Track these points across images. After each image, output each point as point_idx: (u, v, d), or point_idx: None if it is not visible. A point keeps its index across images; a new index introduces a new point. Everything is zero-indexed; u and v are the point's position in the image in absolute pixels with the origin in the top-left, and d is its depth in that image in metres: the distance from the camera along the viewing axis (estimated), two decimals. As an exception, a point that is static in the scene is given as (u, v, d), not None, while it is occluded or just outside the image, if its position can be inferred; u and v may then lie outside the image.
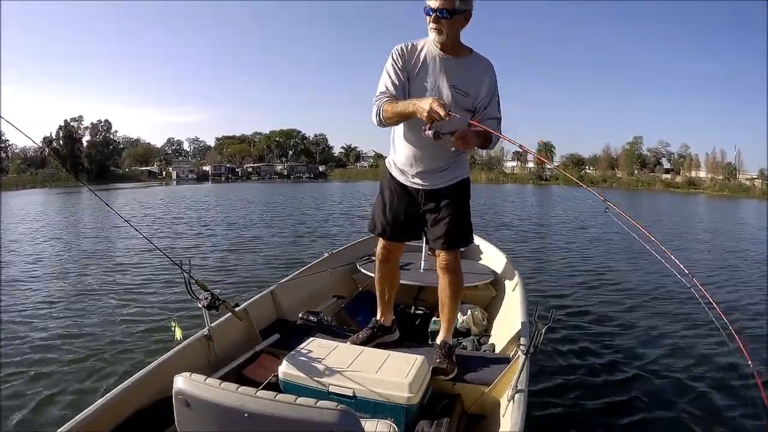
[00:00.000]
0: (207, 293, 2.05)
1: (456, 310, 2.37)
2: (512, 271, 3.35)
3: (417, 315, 3.25)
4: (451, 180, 2.19)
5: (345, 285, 3.56)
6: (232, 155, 72.86)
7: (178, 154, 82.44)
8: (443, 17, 1.93)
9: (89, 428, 1.53)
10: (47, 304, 5.01)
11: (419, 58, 2.05)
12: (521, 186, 49.18)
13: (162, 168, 65.96)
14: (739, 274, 7.53)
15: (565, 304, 5.22)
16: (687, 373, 3.58)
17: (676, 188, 51.30)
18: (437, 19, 1.94)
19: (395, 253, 2.42)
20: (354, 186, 40.02)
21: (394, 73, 2.05)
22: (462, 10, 1.95)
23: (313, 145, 78.60)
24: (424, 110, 1.80)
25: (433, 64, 2.04)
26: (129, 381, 1.77)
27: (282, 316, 2.77)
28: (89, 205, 18.74)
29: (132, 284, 5.84)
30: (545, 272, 7.02)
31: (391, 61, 2.06)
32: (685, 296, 5.88)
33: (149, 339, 3.93)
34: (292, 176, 63.77)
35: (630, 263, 8.09)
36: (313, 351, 1.97)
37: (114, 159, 64.77)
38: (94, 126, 60.61)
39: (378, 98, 2.03)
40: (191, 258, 2.13)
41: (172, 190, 35.53)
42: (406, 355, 1.96)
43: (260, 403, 1.21)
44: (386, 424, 1.66)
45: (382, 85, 2.06)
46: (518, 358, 1.89)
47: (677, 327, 4.63)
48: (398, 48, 2.07)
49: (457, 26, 1.99)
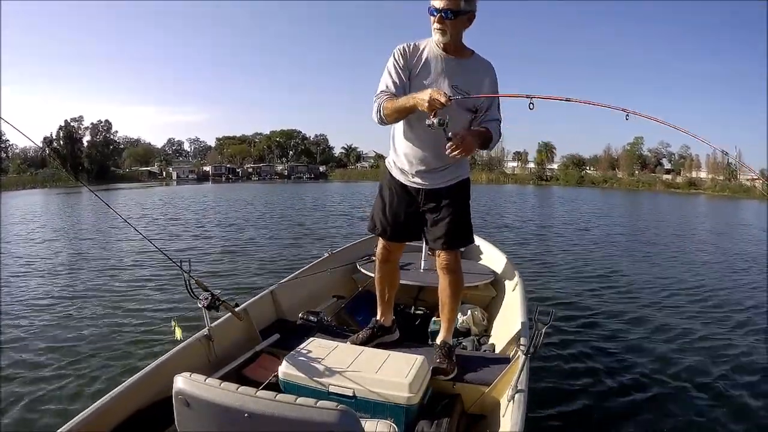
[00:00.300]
0: (207, 293, 2.05)
1: (456, 310, 2.37)
2: (512, 271, 3.35)
3: (417, 315, 3.25)
4: (452, 180, 2.19)
5: (345, 285, 3.56)
6: (232, 155, 72.92)
7: (179, 155, 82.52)
8: (447, 18, 1.94)
9: (89, 428, 1.53)
10: (46, 304, 5.01)
11: (421, 58, 2.06)
12: (522, 186, 49.17)
13: (162, 168, 66.03)
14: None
15: (565, 305, 5.22)
16: (688, 373, 3.58)
17: (677, 189, 51.27)
18: (442, 20, 1.95)
19: (395, 253, 2.42)
20: (354, 186, 40.03)
21: (396, 72, 2.06)
22: (466, 11, 1.96)
23: (314, 145, 78.66)
24: (425, 101, 1.81)
25: (434, 63, 2.05)
26: (129, 381, 1.77)
27: (282, 316, 2.77)
28: (89, 206, 18.74)
29: (132, 284, 5.84)
30: (545, 272, 7.02)
31: (392, 61, 2.07)
32: (683, 296, 5.90)
33: (149, 339, 3.93)
34: (293, 176, 63.80)
35: (631, 263, 8.10)
36: (313, 351, 1.97)
37: (114, 159, 64.87)
38: (95, 126, 60.85)
39: (378, 96, 2.04)
40: (191, 258, 2.12)
41: (172, 190, 35.58)
42: (406, 355, 1.96)
43: (260, 403, 1.21)
44: (386, 424, 1.66)
45: (383, 84, 2.07)
46: (518, 358, 1.89)
47: (677, 327, 4.63)
48: (400, 48, 2.08)
49: (460, 27, 2.01)
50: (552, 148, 66.03)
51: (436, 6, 1.94)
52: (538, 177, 59.17)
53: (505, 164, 66.74)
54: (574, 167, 61.77)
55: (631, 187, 52.01)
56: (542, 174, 60.50)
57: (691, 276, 7.23)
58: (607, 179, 56.84)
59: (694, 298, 5.84)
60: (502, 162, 66.55)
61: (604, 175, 58.69)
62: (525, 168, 65.23)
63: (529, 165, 65.71)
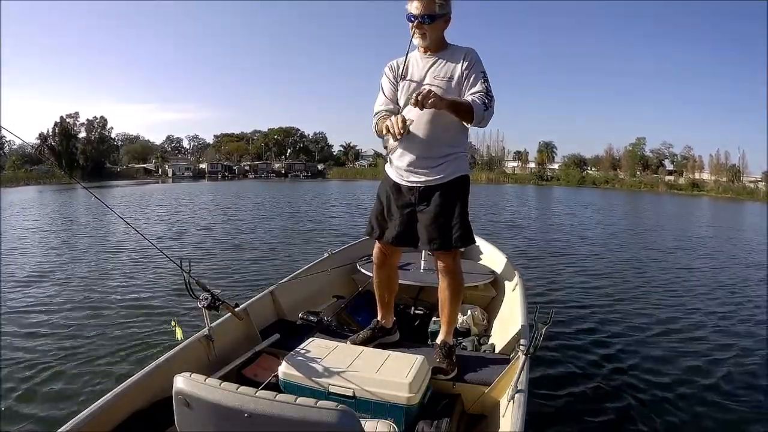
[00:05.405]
0: (207, 293, 2.05)
1: (456, 311, 2.36)
2: (512, 272, 3.35)
3: (417, 315, 3.24)
4: (447, 176, 2.14)
5: (345, 285, 3.56)
6: (230, 153, 72.86)
7: (178, 152, 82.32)
8: (425, 23, 2.05)
9: (89, 428, 1.53)
10: (44, 304, 4.99)
11: (406, 66, 2.18)
12: (522, 186, 49.14)
13: (158, 165, 65.94)
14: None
15: (565, 305, 5.23)
16: (687, 373, 3.59)
17: (679, 190, 51.13)
18: (420, 25, 2.06)
19: (392, 257, 2.38)
20: (353, 185, 40.01)
21: (387, 87, 2.22)
22: (442, 14, 2.07)
23: (313, 143, 78.53)
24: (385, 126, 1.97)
25: (416, 65, 2.17)
26: (129, 381, 1.77)
27: (282, 316, 2.77)
28: (84, 203, 18.72)
29: (131, 284, 5.84)
30: (545, 272, 7.01)
31: (384, 77, 2.24)
32: (683, 296, 5.91)
33: (149, 339, 3.93)
34: (290, 175, 63.74)
35: (630, 263, 8.10)
36: (313, 351, 1.97)
37: (111, 156, 64.83)
38: (90, 122, 60.73)
39: (375, 115, 2.22)
40: (190, 258, 2.12)
41: (167, 187, 35.51)
42: (406, 355, 1.96)
43: (260, 403, 1.21)
44: (386, 424, 1.66)
45: (378, 104, 2.24)
46: (518, 358, 1.88)
47: (678, 327, 4.64)
48: (390, 64, 2.24)
49: (438, 29, 2.11)
50: (553, 148, 66.10)
51: (414, 13, 2.05)
52: (539, 177, 59.11)
53: (505, 164, 66.69)
54: (575, 167, 61.72)
55: (633, 188, 51.95)
56: (543, 174, 60.46)
57: (693, 277, 7.23)
58: (609, 180, 56.74)
59: (694, 299, 5.85)
60: (503, 161, 66.54)
61: (605, 175, 58.58)
62: (525, 168, 65.18)
63: (530, 165, 65.67)
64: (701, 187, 52.09)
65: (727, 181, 52.33)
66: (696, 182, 53.56)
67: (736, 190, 48.35)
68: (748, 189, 48.15)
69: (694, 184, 52.92)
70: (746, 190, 47.84)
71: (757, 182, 50.81)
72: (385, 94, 2.22)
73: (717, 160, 55.78)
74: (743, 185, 50.03)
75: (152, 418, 1.68)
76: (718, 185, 51.17)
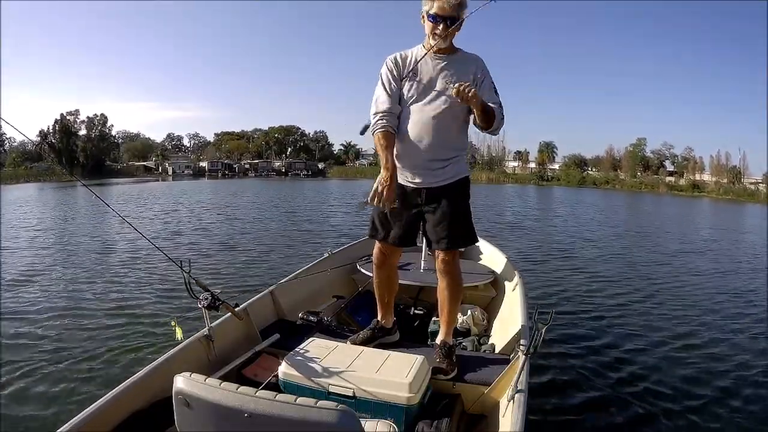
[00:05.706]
0: (207, 293, 2.05)
1: (456, 311, 2.37)
2: (512, 272, 3.35)
3: (417, 315, 3.25)
4: (450, 178, 2.19)
5: (345, 285, 3.56)
6: (230, 151, 72.80)
7: (178, 150, 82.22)
8: (451, 25, 2.05)
9: (89, 428, 1.53)
10: (44, 304, 4.98)
11: (412, 64, 2.16)
12: (522, 186, 49.12)
13: (159, 163, 65.90)
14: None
15: (565, 305, 5.23)
16: (688, 374, 3.59)
17: (680, 191, 51.04)
18: (446, 27, 2.05)
19: (392, 257, 2.39)
20: (353, 184, 39.98)
21: (388, 82, 2.15)
22: (462, 18, 2.08)
23: (313, 142, 78.49)
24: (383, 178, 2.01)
25: (425, 66, 2.15)
26: (129, 381, 1.77)
27: (282, 316, 2.77)
28: (83, 201, 18.69)
29: (131, 284, 5.83)
30: (545, 273, 7.02)
31: (385, 71, 2.17)
32: (684, 298, 5.90)
33: (149, 339, 3.93)
34: (290, 173, 63.72)
35: (631, 265, 8.10)
36: (313, 351, 1.97)
37: (111, 153, 64.78)
38: (90, 120, 60.67)
39: (374, 118, 2.13)
40: (190, 258, 2.12)
41: (167, 185, 35.47)
42: (406, 355, 1.96)
43: (260, 403, 1.21)
44: (386, 424, 1.66)
45: (380, 103, 2.14)
46: (518, 359, 1.88)
47: (678, 328, 4.63)
48: (391, 57, 2.18)
49: (455, 32, 2.11)
50: (553, 148, 66.05)
51: (440, 14, 2.03)
52: (539, 177, 59.08)
53: (505, 164, 66.65)
54: (575, 167, 61.68)
55: (633, 188, 51.91)
56: (543, 174, 60.41)
57: (694, 279, 7.24)
58: (609, 180, 56.69)
59: (695, 300, 5.85)
60: (503, 161, 66.50)
61: (606, 176, 58.52)
62: (526, 168, 65.14)
63: (530, 165, 65.63)
64: (702, 188, 51.99)
65: (727, 182, 52.21)
66: (697, 183, 53.45)
67: (736, 191, 48.21)
68: (748, 191, 48.00)
69: (694, 185, 52.81)
70: (747, 191, 47.69)
71: (758, 184, 50.66)
72: (388, 90, 2.14)
73: (718, 162, 55.71)
74: (744, 187, 49.89)
75: (152, 418, 1.68)
76: (718, 187, 51.04)
